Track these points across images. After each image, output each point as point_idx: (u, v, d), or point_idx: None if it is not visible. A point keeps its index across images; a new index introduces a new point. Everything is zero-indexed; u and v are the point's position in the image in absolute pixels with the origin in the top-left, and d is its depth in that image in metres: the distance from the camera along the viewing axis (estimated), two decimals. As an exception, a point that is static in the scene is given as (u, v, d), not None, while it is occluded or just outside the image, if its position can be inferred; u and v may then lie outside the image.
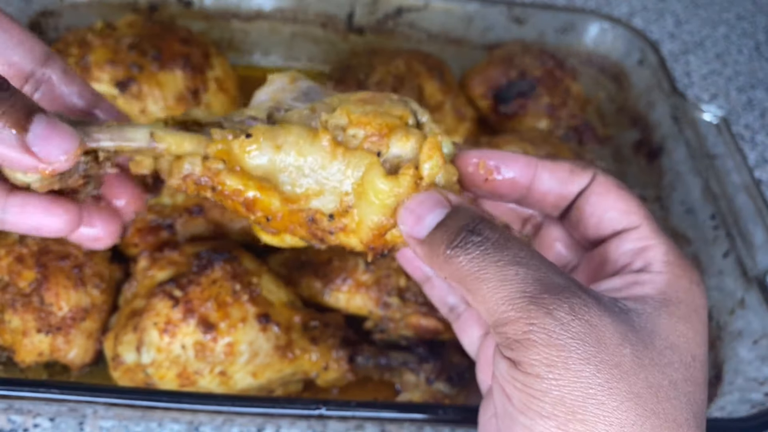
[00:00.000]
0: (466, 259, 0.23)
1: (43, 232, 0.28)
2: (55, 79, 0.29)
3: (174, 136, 0.28)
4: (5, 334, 0.43)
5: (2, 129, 0.24)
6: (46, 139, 0.25)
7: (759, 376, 0.48)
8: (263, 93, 0.30)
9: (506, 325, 0.22)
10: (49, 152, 0.25)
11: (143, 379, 0.42)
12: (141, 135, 0.28)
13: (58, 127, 0.25)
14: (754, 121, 0.83)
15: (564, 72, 0.69)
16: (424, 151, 0.26)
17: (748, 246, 0.54)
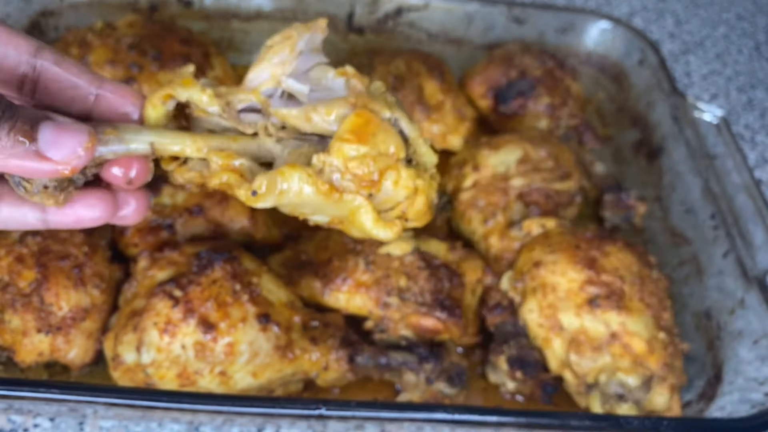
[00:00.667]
0: None
1: (85, 223, 0.29)
2: (50, 70, 0.29)
3: (174, 141, 0.29)
4: (5, 334, 0.43)
5: (13, 144, 0.25)
6: (57, 141, 0.26)
7: (759, 376, 0.48)
8: (262, 69, 0.30)
9: None
10: (63, 153, 0.26)
11: (143, 379, 0.42)
12: (142, 145, 0.29)
13: (65, 127, 0.26)
14: (754, 121, 0.83)
15: (564, 72, 0.69)
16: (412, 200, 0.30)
17: (748, 246, 0.54)
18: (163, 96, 0.30)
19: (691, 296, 0.57)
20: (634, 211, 0.62)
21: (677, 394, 0.50)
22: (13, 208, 0.29)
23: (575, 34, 0.73)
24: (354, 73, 0.32)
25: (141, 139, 0.29)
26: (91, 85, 0.30)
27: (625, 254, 0.52)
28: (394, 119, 0.30)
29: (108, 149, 0.28)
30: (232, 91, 0.30)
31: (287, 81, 0.30)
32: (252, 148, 0.30)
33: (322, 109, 0.30)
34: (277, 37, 0.31)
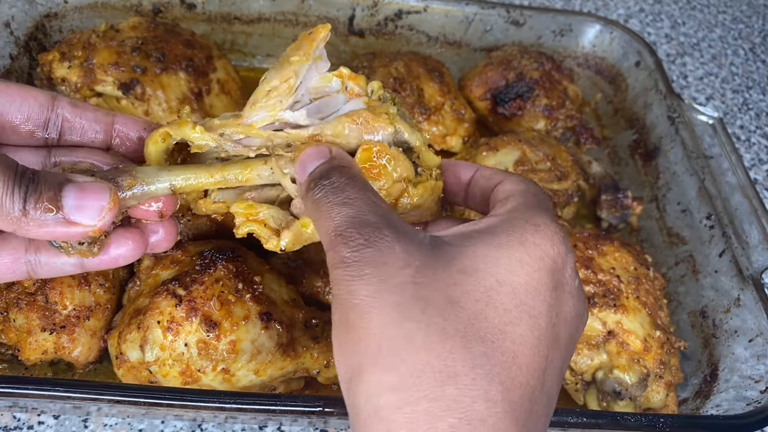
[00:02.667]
0: (314, 196, 0.28)
1: (121, 262, 0.31)
2: (68, 115, 0.33)
3: (190, 177, 0.31)
4: (10, 333, 0.44)
5: (42, 215, 0.27)
6: (82, 206, 0.27)
7: (754, 374, 0.48)
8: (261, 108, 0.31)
9: (328, 252, 0.26)
10: (89, 216, 0.28)
11: (147, 377, 0.42)
12: (162, 188, 0.31)
13: (87, 189, 0.28)
14: (750, 122, 0.83)
15: (561, 74, 0.69)
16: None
17: (743, 245, 0.54)
18: (162, 134, 0.32)
19: (687, 295, 0.58)
20: (630, 211, 0.63)
21: (673, 391, 0.50)
22: (52, 259, 0.31)
23: (573, 37, 0.74)
24: (349, 74, 0.33)
25: (160, 182, 0.31)
26: (106, 119, 0.33)
27: (621, 253, 0.53)
28: (399, 131, 0.32)
29: (131, 196, 0.30)
30: (227, 124, 0.32)
31: (283, 115, 0.32)
32: (265, 175, 0.32)
33: (328, 132, 0.31)
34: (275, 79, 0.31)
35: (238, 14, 0.67)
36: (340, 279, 0.25)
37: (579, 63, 0.76)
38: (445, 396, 0.22)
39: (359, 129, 0.31)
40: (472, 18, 0.71)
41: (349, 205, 0.27)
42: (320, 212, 0.27)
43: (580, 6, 0.93)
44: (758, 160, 0.79)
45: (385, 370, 0.23)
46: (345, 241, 0.25)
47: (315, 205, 0.28)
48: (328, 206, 0.27)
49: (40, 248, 0.31)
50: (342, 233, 0.26)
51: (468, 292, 0.24)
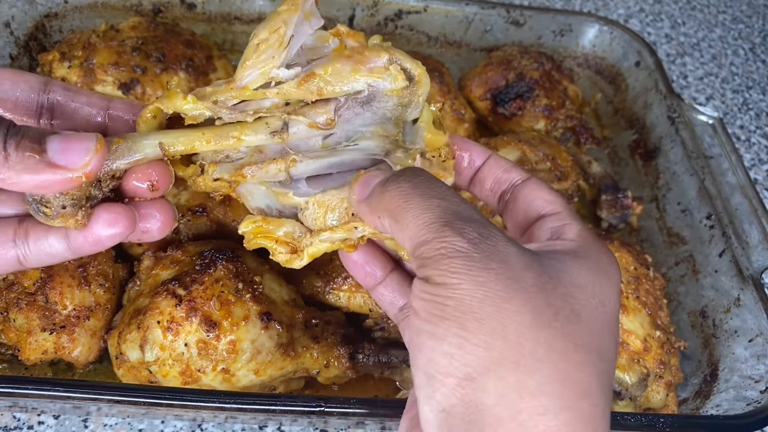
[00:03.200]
0: (396, 191, 0.26)
1: (105, 242, 0.29)
2: (61, 100, 0.31)
3: (181, 136, 0.29)
4: (10, 333, 0.44)
5: (23, 159, 0.25)
6: (66, 149, 0.26)
7: (754, 374, 0.48)
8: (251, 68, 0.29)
9: (423, 246, 0.24)
10: (74, 158, 0.26)
11: (147, 377, 0.42)
12: (151, 148, 0.29)
13: (72, 136, 0.26)
14: (750, 122, 0.83)
15: (561, 74, 0.69)
16: None
17: (743, 245, 0.54)
18: (152, 111, 0.30)
19: (687, 295, 0.58)
20: (630, 211, 0.63)
21: (673, 391, 0.50)
22: (40, 241, 0.29)
23: (573, 37, 0.74)
24: (348, 31, 0.31)
25: (149, 142, 0.29)
26: (101, 104, 0.31)
27: (621, 254, 0.53)
28: (394, 59, 0.30)
29: (120, 159, 0.28)
30: (219, 91, 0.30)
31: (278, 73, 0.29)
32: (262, 132, 0.30)
33: (320, 71, 0.29)
34: (264, 31, 0.29)
35: (238, 14, 0.67)
36: (459, 270, 0.23)
37: (579, 63, 0.76)
38: (582, 410, 0.22)
39: (352, 62, 0.29)
40: (472, 18, 0.71)
41: (445, 199, 0.25)
42: (408, 205, 0.25)
43: (580, 6, 0.93)
44: (758, 160, 0.79)
45: (528, 372, 0.22)
46: (459, 232, 0.24)
47: (395, 201, 0.26)
48: (420, 198, 0.25)
49: (28, 231, 0.29)
50: (450, 224, 0.24)
51: (584, 306, 0.24)
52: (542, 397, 0.22)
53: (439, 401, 0.23)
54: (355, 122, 0.31)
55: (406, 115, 0.32)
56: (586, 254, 0.27)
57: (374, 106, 0.31)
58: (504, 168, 0.32)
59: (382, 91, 0.30)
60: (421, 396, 0.24)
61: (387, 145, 0.31)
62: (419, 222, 0.25)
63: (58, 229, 0.28)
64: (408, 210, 0.25)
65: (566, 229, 0.29)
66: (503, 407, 0.22)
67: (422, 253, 0.24)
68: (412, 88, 0.31)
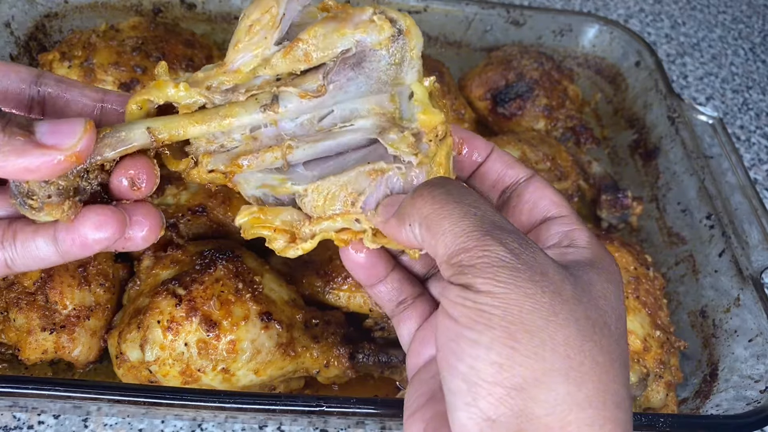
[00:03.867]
0: (430, 197, 0.26)
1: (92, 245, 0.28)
2: (53, 92, 0.30)
3: (170, 124, 0.28)
4: (10, 333, 0.44)
5: (10, 140, 0.24)
6: (55, 130, 0.25)
7: (754, 374, 0.48)
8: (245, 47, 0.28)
9: (462, 253, 0.24)
10: (63, 138, 0.25)
11: (147, 377, 0.42)
12: (139, 135, 0.28)
13: (61, 120, 0.25)
14: (750, 122, 0.83)
15: (561, 74, 0.69)
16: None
17: (743, 245, 0.54)
18: (139, 102, 0.29)
19: (687, 295, 0.58)
20: (630, 211, 0.63)
21: (673, 391, 0.50)
22: (28, 243, 0.28)
23: (573, 37, 0.74)
24: (335, 4, 0.30)
25: (137, 128, 0.28)
26: (94, 97, 0.30)
27: (621, 254, 0.53)
28: (378, 11, 0.29)
29: (107, 148, 0.27)
30: (211, 75, 0.29)
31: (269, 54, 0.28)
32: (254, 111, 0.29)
33: (304, 36, 0.28)
34: (255, 11, 0.28)
35: (238, 14, 0.67)
36: (505, 279, 0.23)
37: (579, 63, 0.76)
38: (621, 420, 0.23)
39: (336, 22, 0.28)
40: (472, 18, 0.71)
41: (480, 209, 0.25)
42: (444, 212, 0.25)
43: (580, 6, 0.93)
44: (758, 160, 0.79)
45: (576, 384, 0.23)
46: (501, 242, 0.24)
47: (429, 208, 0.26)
48: (456, 204, 0.25)
49: (16, 233, 0.28)
50: (490, 232, 0.24)
51: (611, 317, 0.25)
52: (589, 410, 0.23)
53: (483, 409, 0.23)
54: (350, 90, 0.30)
55: (402, 76, 0.30)
56: (600, 263, 0.27)
57: (366, 68, 0.30)
58: (507, 163, 0.32)
59: (370, 45, 0.29)
60: (458, 402, 0.24)
61: (383, 122, 0.30)
62: (457, 229, 0.25)
63: (45, 231, 0.28)
64: (444, 216, 0.25)
65: (576, 235, 0.29)
66: (553, 418, 0.22)
67: (462, 261, 0.24)
68: (401, 40, 0.30)
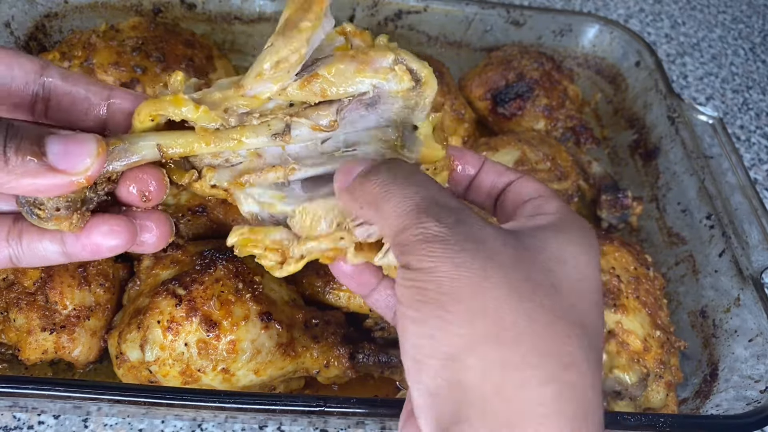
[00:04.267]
0: (377, 181, 0.26)
1: (104, 252, 0.28)
2: (58, 86, 0.30)
3: (181, 141, 0.29)
4: (10, 333, 0.44)
5: (23, 162, 0.24)
6: (66, 152, 0.25)
7: (754, 374, 0.48)
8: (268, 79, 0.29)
9: (402, 233, 0.25)
10: (75, 162, 0.25)
11: (147, 377, 0.42)
12: (149, 150, 0.29)
13: (72, 138, 0.26)
14: (750, 122, 0.83)
15: (561, 74, 0.69)
16: None
17: (743, 245, 0.54)
18: (152, 114, 0.29)
19: (687, 295, 0.58)
20: (630, 211, 0.63)
21: (673, 391, 0.50)
22: (34, 243, 0.28)
23: (573, 37, 0.74)
24: (354, 30, 0.30)
25: (146, 143, 0.28)
26: (101, 94, 0.30)
27: (621, 253, 0.53)
28: (400, 59, 0.30)
29: (116, 161, 0.28)
30: (229, 97, 0.30)
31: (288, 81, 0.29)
32: (264, 141, 0.30)
33: (323, 72, 0.29)
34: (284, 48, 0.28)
35: (238, 14, 0.67)
36: (436, 254, 0.23)
37: (579, 63, 0.76)
38: (568, 381, 0.22)
39: (356, 62, 0.29)
40: (472, 18, 0.71)
41: (424, 188, 0.26)
42: (388, 195, 0.26)
43: (580, 6, 0.93)
44: (758, 160, 0.79)
45: (509, 345, 0.22)
46: (435, 218, 0.24)
47: (375, 191, 0.26)
48: (399, 187, 0.25)
49: (22, 232, 0.28)
50: (426, 210, 0.24)
51: (564, 279, 0.25)
52: (526, 370, 0.22)
53: (426, 384, 0.23)
54: (359, 125, 0.31)
55: (412, 117, 0.31)
56: (565, 228, 0.27)
57: (379, 109, 0.31)
58: (499, 172, 0.32)
59: (387, 92, 0.30)
60: (410, 382, 0.24)
61: (384, 149, 0.31)
62: (398, 210, 0.25)
63: (52, 233, 0.28)
64: (388, 199, 0.26)
65: (546, 205, 0.29)
66: (487, 383, 0.22)
67: (401, 240, 0.24)
68: (418, 89, 0.31)
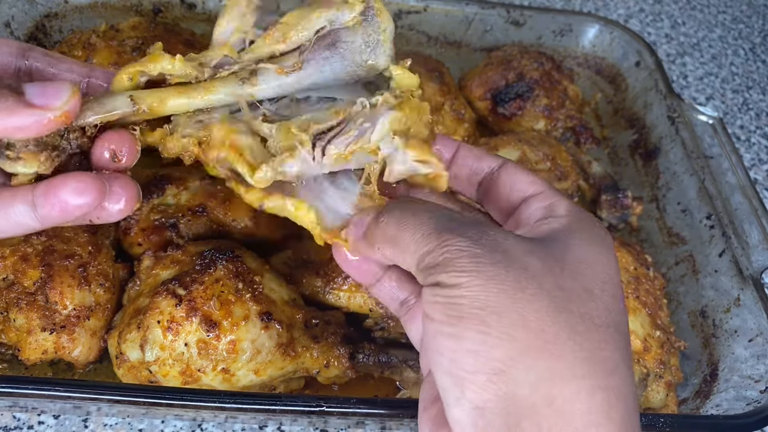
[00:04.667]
0: (389, 220, 0.27)
1: (71, 210, 0.28)
2: (41, 66, 0.31)
3: (153, 94, 0.29)
4: (10, 333, 0.44)
5: (1, 100, 0.25)
6: (43, 91, 0.26)
7: (754, 374, 0.48)
8: (225, 23, 0.30)
9: (426, 256, 0.25)
10: (51, 99, 0.26)
11: (147, 377, 0.42)
12: (122, 102, 0.29)
13: (48, 82, 0.27)
14: (750, 122, 0.83)
15: (561, 74, 0.69)
16: None
17: (743, 245, 0.54)
18: (131, 73, 0.29)
19: (687, 295, 0.58)
20: (630, 211, 0.63)
21: (673, 391, 0.50)
22: (6, 209, 0.28)
23: (573, 37, 0.74)
24: None
25: (120, 96, 0.29)
26: (82, 72, 0.31)
27: (621, 254, 0.53)
28: None
29: (89, 111, 0.28)
30: (202, 54, 0.31)
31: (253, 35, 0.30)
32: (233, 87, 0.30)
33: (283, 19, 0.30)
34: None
35: (238, 14, 0.67)
36: (468, 268, 0.23)
37: (579, 63, 0.76)
38: (612, 387, 0.22)
39: (312, 4, 0.30)
40: (472, 18, 0.71)
41: (436, 210, 0.26)
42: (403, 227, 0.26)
43: (580, 6, 0.93)
44: (758, 160, 0.79)
45: (555, 357, 0.22)
46: (458, 234, 0.24)
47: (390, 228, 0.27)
48: (414, 217, 0.26)
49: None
50: (447, 229, 0.24)
51: (593, 283, 0.24)
52: (574, 380, 0.22)
53: (471, 399, 0.23)
54: (325, 68, 0.32)
55: (376, 59, 0.32)
56: (581, 228, 0.27)
57: (341, 48, 0.31)
58: (477, 156, 0.32)
59: (343, 23, 0.31)
60: (449, 398, 0.23)
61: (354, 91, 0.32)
62: (417, 236, 0.25)
63: (24, 196, 0.28)
64: (404, 231, 0.26)
65: (555, 206, 0.29)
66: (538, 396, 0.22)
67: (427, 264, 0.24)
68: (373, 22, 0.31)
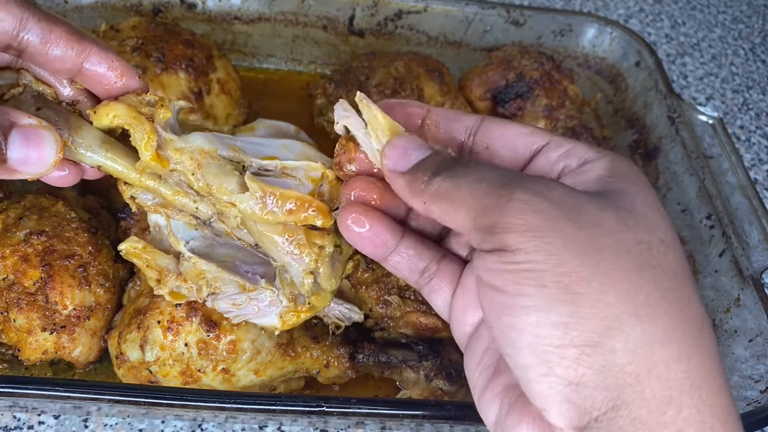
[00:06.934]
0: (447, 176, 0.24)
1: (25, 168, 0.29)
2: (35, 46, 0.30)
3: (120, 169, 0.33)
4: (10, 333, 0.44)
5: None
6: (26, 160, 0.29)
7: (754, 374, 0.48)
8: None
9: (485, 214, 0.22)
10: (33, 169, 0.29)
11: (147, 377, 0.42)
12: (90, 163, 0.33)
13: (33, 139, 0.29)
14: (750, 122, 0.83)
15: (561, 74, 0.69)
16: None
17: (743, 245, 0.54)
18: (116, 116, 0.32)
19: (688, 295, 0.58)
20: (631, 211, 0.63)
21: (673, 391, 0.50)
22: None
23: (573, 37, 0.74)
24: (332, 179, 0.34)
25: (92, 157, 0.33)
26: (75, 62, 0.31)
27: (621, 253, 0.53)
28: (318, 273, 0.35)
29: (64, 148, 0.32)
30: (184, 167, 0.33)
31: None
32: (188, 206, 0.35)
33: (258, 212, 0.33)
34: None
35: (238, 14, 0.67)
36: (542, 228, 0.20)
37: (579, 63, 0.76)
38: (705, 345, 0.21)
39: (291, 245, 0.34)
40: (472, 18, 0.71)
41: (493, 169, 0.24)
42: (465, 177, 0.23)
43: (580, 6, 0.93)
44: (758, 160, 0.79)
45: (650, 320, 0.20)
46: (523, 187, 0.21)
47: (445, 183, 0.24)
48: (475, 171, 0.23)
49: None
50: (510, 183, 0.22)
51: (665, 231, 0.23)
52: (672, 343, 0.20)
53: (562, 376, 0.21)
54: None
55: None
56: (623, 170, 0.24)
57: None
58: (450, 118, 0.29)
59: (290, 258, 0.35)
60: (533, 375, 0.21)
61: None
62: (476, 192, 0.22)
63: None
64: (462, 186, 0.23)
65: (577, 150, 0.26)
66: (638, 364, 0.20)
67: (487, 223, 0.22)
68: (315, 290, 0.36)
